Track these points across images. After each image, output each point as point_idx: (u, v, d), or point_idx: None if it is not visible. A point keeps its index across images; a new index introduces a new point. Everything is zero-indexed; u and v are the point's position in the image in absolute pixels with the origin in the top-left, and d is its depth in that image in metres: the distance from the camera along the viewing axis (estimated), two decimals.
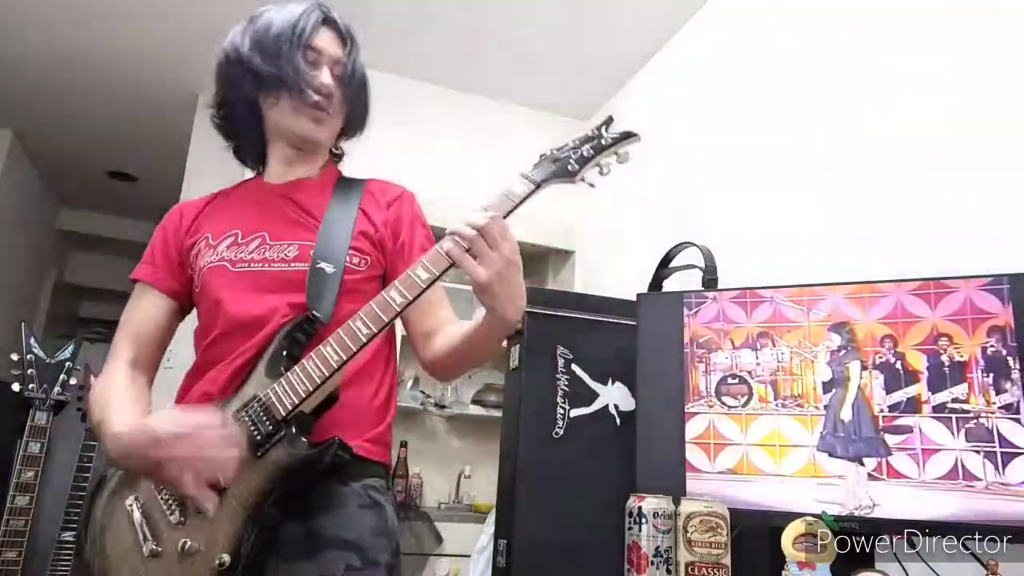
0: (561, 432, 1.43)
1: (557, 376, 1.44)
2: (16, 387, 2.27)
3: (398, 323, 1.10)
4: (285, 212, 1.15)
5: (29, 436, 2.25)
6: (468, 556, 2.10)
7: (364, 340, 0.95)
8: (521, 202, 0.99)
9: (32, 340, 2.34)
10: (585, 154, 1.02)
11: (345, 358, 0.95)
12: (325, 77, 1.14)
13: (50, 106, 3.68)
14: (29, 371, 2.29)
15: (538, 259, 3.48)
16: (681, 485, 1.24)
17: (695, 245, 1.57)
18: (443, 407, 3.17)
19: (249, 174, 1.29)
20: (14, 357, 2.30)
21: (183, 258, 1.16)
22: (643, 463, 1.29)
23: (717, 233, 1.77)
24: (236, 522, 0.93)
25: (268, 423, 0.96)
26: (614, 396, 1.47)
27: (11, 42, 3.11)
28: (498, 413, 1.52)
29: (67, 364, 2.37)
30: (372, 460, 1.07)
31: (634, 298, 1.41)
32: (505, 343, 1.50)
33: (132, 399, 1.05)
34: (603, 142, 1.03)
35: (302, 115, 1.14)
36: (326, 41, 1.16)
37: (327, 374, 0.95)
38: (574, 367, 1.46)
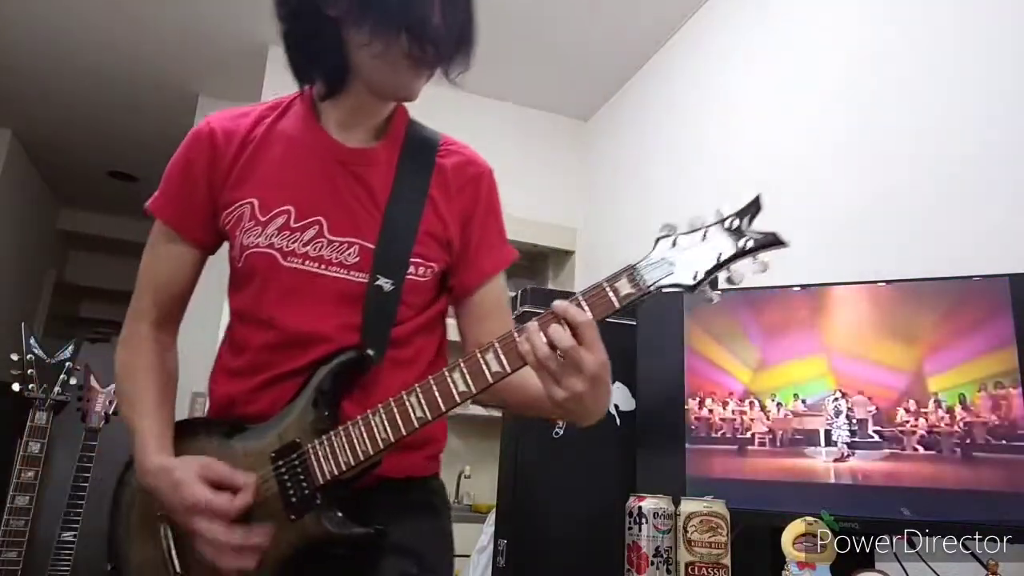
0: (561, 432, 1.42)
1: None
2: (16, 387, 2.27)
3: (451, 324, 1.05)
4: (346, 193, 0.96)
5: (29, 436, 2.24)
6: (468, 556, 2.10)
7: (416, 425, 0.84)
8: (625, 306, 0.80)
9: (32, 340, 2.34)
10: (717, 258, 0.79)
11: (393, 440, 0.84)
12: (437, 16, 0.90)
13: (50, 106, 3.68)
14: (29, 371, 2.29)
15: (538, 259, 3.48)
16: (681, 485, 1.24)
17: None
18: None
19: None
20: (14, 357, 2.29)
21: (216, 208, 0.97)
22: (643, 463, 1.29)
23: None
24: (264, 573, 0.86)
25: (305, 486, 0.87)
26: (614, 396, 1.47)
27: (11, 42, 3.11)
28: (498, 413, 1.52)
29: (67, 364, 2.36)
30: (429, 476, 1.01)
31: None
32: None
33: (159, 403, 0.95)
34: (743, 244, 0.78)
35: (401, 72, 0.93)
36: None
37: (372, 452, 0.85)
38: None
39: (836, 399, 1.20)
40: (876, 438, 1.16)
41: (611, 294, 0.80)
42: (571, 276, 3.27)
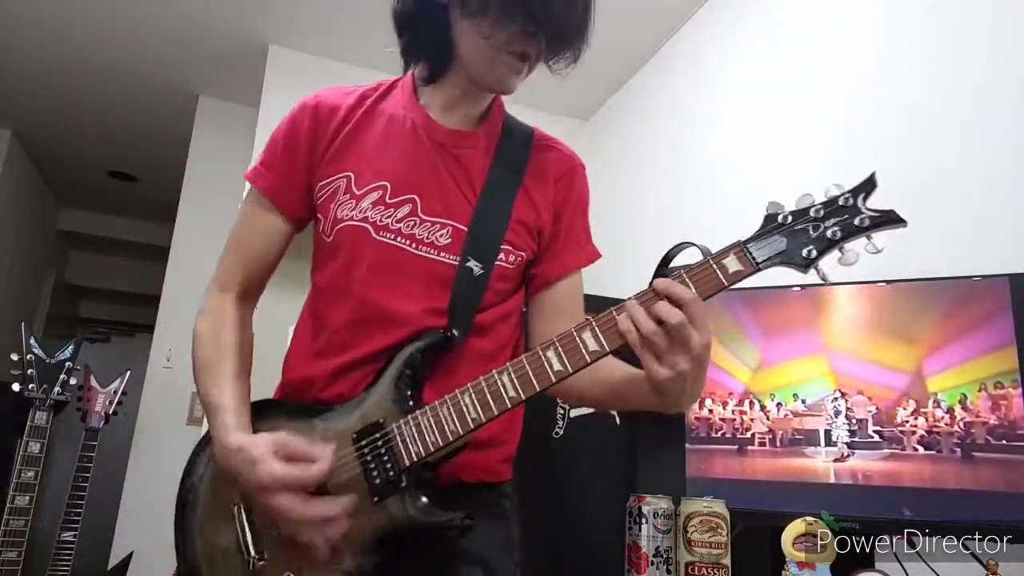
0: (561, 432, 1.42)
1: None
2: (16, 387, 2.27)
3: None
4: (443, 173, 0.95)
5: (29, 436, 2.24)
6: None
7: (508, 405, 0.81)
8: (732, 284, 0.78)
9: (32, 340, 2.34)
10: (831, 235, 0.77)
11: (484, 420, 0.82)
12: (561, 7, 0.87)
13: (50, 106, 3.68)
14: (29, 371, 2.29)
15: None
16: (681, 485, 1.24)
17: (695, 245, 1.57)
18: None
19: None
20: (14, 357, 2.30)
21: (312, 180, 0.97)
22: (643, 463, 1.29)
23: (717, 233, 1.77)
24: (345, 562, 0.84)
25: (391, 468, 0.84)
26: None
27: (11, 42, 3.11)
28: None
29: (67, 364, 2.37)
30: (503, 480, 0.99)
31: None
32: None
33: (240, 378, 0.92)
34: (859, 222, 0.77)
35: (502, 63, 0.91)
36: None
37: (461, 432, 0.82)
38: None
39: (836, 399, 1.20)
40: (876, 438, 1.16)
41: (718, 271, 0.77)
42: None
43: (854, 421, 1.18)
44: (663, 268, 1.64)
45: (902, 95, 1.72)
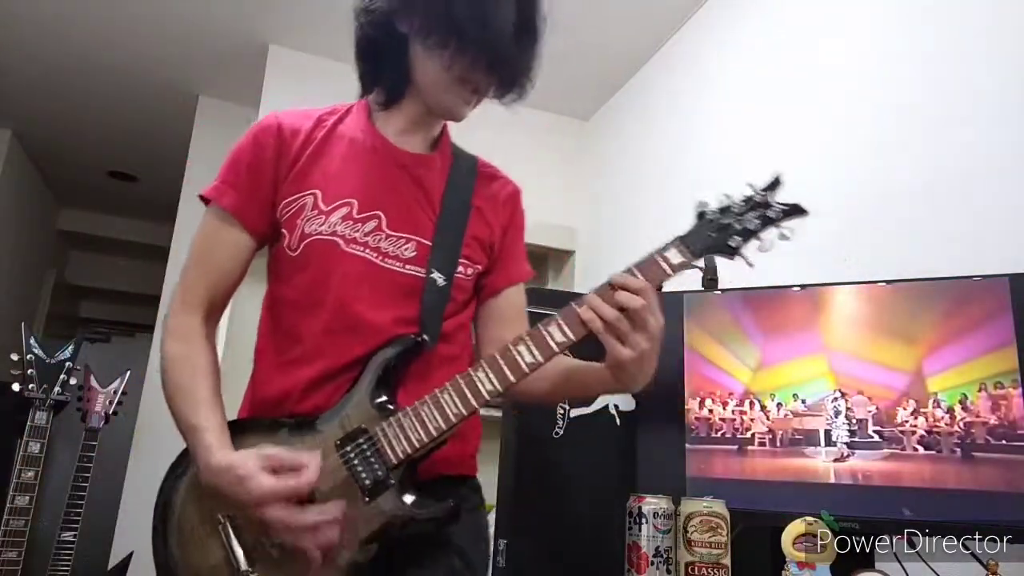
0: (561, 432, 1.42)
1: None
2: (16, 387, 2.27)
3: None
4: (405, 192, 1.02)
5: (29, 436, 2.24)
6: None
7: (487, 398, 0.88)
8: (676, 273, 0.89)
9: (32, 340, 2.34)
10: (750, 226, 0.90)
11: (465, 413, 0.88)
12: (513, 44, 0.96)
13: (50, 106, 3.68)
14: (29, 371, 2.29)
15: (538, 259, 3.48)
16: (681, 485, 1.24)
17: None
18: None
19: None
20: (14, 357, 2.30)
21: (277, 197, 1.00)
22: (643, 463, 1.29)
23: None
24: (340, 564, 0.86)
25: (378, 468, 0.88)
26: (614, 396, 1.47)
27: (11, 42, 3.11)
28: (498, 413, 1.52)
29: (67, 364, 2.37)
30: (470, 475, 1.07)
31: None
32: None
33: (216, 400, 0.94)
34: (770, 214, 0.91)
35: (454, 91, 0.99)
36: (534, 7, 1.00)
37: (444, 428, 0.88)
38: None
39: (836, 399, 1.20)
40: (876, 438, 1.16)
41: (663, 263, 0.88)
42: (571, 276, 3.27)
43: (854, 421, 1.18)
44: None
45: (902, 95, 1.72)
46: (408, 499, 0.88)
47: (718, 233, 0.90)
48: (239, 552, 0.87)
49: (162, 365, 0.97)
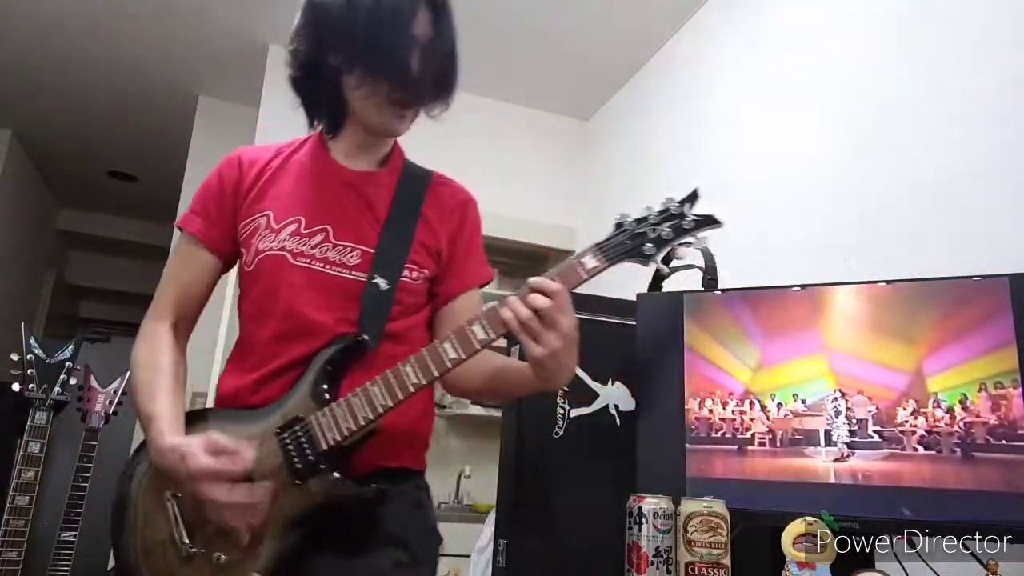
0: (561, 432, 1.42)
1: None
2: (16, 387, 2.27)
3: None
4: (351, 207, 1.11)
5: (29, 436, 2.25)
6: (468, 556, 2.10)
7: (412, 390, 0.97)
8: (591, 276, 0.98)
9: (32, 340, 2.34)
10: (664, 236, 1.00)
11: (391, 404, 0.96)
12: (416, 66, 1.05)
13: (50, 106, 3.68)
14: (29, 371, 2.29)
15: (538, 259, 3.48)
16: (681, 485, 1.24)
17: (695, 245, 1.57)
18: (443, 407, 3.17)
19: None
20: (14, 357, 2.30)
21: (237, 220, 1.12)
22: (643, 463, 1.29)
23: (717, 233, 1.77)
24: (269, 542, 0.95)
25: (309, 452, 0.97)
26: (614, 396, 1.47)
27: (11, 42, 3.11)
28: (498, 413, 1.52)
29: (67, 364, 2.37)
30: (415, 469, 1.13)
31: (634, 298, 1.41)
32: (505, 343, 1.50)
33: (174, 392, 1.04)
34: (684, 224, 1.01)
35: (385, 111, 1.09)
36: (423, 23, 1.06)
37: (372, 417, 0.96)
38: None
39: (836, 399, 1.20)
40: (876, 438, 1.16)
41: (580, 267, 0.98)
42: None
43: (854, 421, 1.18)
44: (663, 268, 1.64)
45: (902, 95, 1.72)
46: (335, 481, 0.96)
47: (632, 241, 1.00)
48: (182, 528, 0.96)
49: (130, 365, 1.08)
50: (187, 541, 0.95)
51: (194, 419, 1.03)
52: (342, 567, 0.98)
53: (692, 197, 1.02)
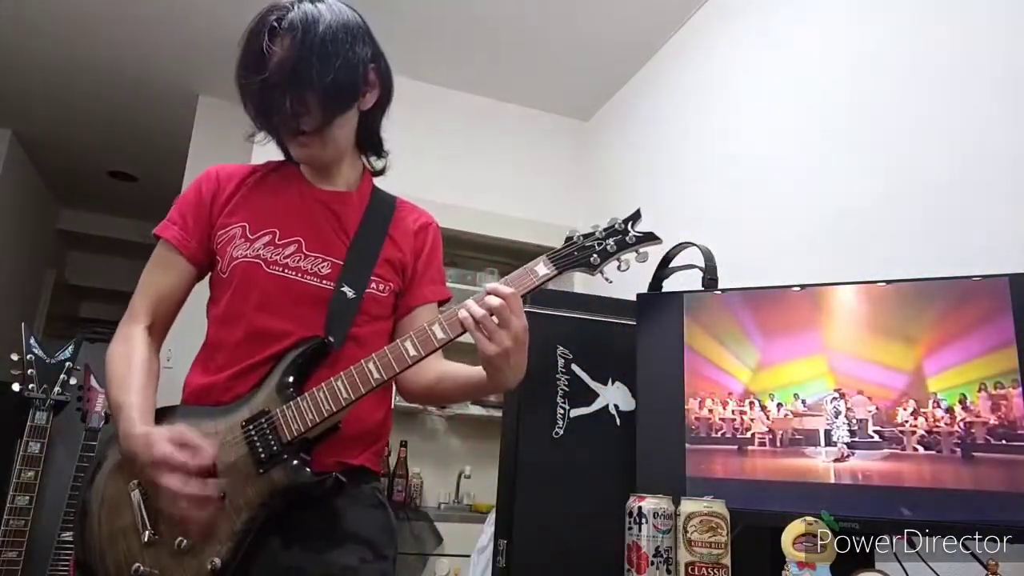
0: (561, 432, 1.42)
1: (557, 376, 1.44)
2: (16, 387, 2.27)
3: None
4: (323, 221, 1.19)
5: (29, 436, 2.25)
6: (468, 556, 2.10)
7: (373, 385, 1.03)
8: (541, 284, 1.08)
9: (32, 340, 2.35)
10: (608, 249, 1.12)
11: (353, 398, 1.03)
12: (277, 102, 1.09)
13: (50, 106, 3.68)
14: (29, 371, 2.30)
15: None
16: (681, 485, 1.24)
17: (695, 245, 1.57)
18: (443, 407, 3.17)
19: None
20: (14, 357, 2.30)
21: (212, 230, 1.18)
22: (643, 463, 1.29)
23: (717, 233, 1.77)
24: (230, 528, 0.99)
25: (273, 443, 1.02)
26: (614, 396, 1.47)
27: (12, 43, 3.11)
28: (498, 413, 1.52)
29: (67, 364, 2.37)
30: (372, 470, 1.18)
31: (634, 298, 1.41)
32: None
33: (146, 386, 1.09)
34: (627, 239, 1.13)
35: (287, 143, 1.18)
36: (282, 52, 1.07)
37: (334, 410, 1.02)
38: (574, 367, 1.46)
39: (836, 399, 1.20)
40: (876, 438, 1.16)
41: (531, 274, 1.08)
42: (570, 276, 3.27)
43: (854, 421, 1.18)
44: (663, 269, 1.64)
45: (902, 95, 1.72)
46: (295, 469, 1.02)
47: (580, 253, 1.12)
48: (145, 515, 1.00)
49: (106, 361, 1.12)
50: (149, 526, 0.99)
51: (164, 414, 1.08)
52: (310, 559, 1.03)
53: (635, 216, 1.15)
